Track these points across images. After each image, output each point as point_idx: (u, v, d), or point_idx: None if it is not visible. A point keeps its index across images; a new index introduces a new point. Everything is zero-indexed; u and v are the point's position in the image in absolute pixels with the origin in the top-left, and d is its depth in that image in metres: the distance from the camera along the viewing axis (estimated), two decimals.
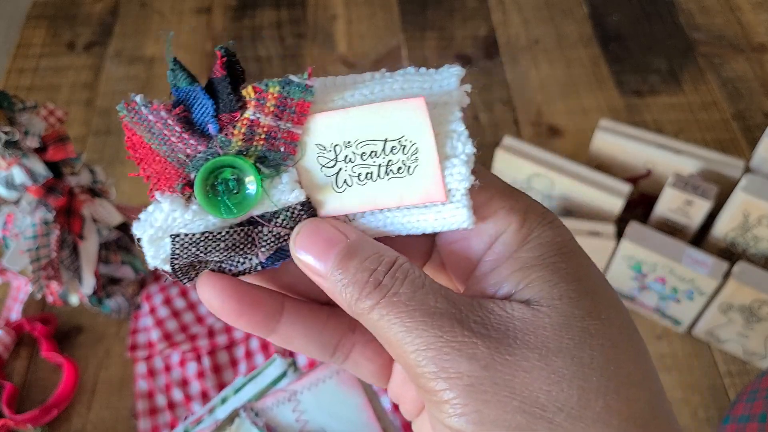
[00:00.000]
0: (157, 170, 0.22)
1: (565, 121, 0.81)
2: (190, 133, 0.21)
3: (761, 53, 0.88)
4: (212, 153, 0.21)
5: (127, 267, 0.63)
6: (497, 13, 0.94)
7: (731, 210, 0.60)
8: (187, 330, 0.64)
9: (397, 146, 0.21)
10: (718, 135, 0.80)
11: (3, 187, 0.52)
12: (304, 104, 0.21)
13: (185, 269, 0.22)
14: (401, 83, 0.22)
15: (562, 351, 0.19)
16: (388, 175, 0.21)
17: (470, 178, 0.21)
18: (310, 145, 0.22)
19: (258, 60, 0.90)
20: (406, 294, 0.20)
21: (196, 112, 0.22)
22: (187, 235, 0.22)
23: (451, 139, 0.21)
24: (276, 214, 0.22)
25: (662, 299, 0.62)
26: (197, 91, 0.22)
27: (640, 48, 0.89)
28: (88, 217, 0.57)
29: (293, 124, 0.21)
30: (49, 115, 0.53)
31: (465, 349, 0.19)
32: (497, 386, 0.19)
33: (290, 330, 0.23)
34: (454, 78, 0.22)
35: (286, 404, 0.38)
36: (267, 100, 0.21)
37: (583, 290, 0.20)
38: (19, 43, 0.92)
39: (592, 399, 0.19)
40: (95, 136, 0.82)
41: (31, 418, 0.58)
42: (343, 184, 0.22)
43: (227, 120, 0.21)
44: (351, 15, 0.95)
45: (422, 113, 0.21)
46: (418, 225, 0.22)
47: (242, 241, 0.22)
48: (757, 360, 0.62)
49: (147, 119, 0.21)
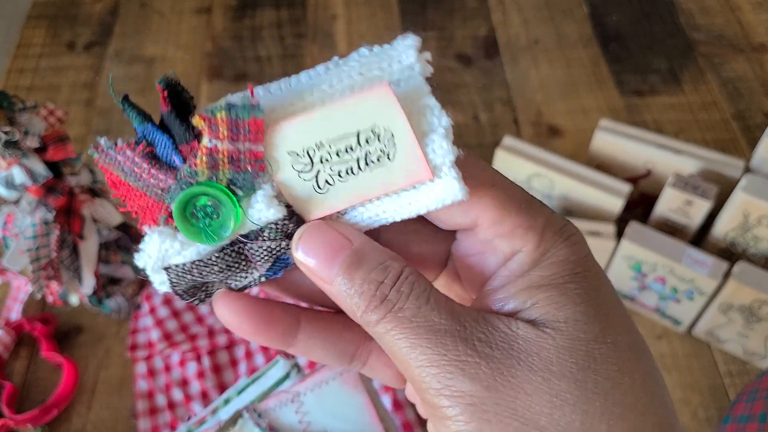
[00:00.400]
0: (141, 204, 0.22)
1: (565, 121, 0.81)
2: (158, 168, 0.21)
3: (761, 53, 0.88)
4: (184, 183, 0.21)
5: (127, 267, 0.63)
6: (497, 13, 0.94)
7: (731, 210, 0.60)
8: (187, 330, 0.64)
9: (371, 136, 0.21)
10: (718, 135, 0.80)
11: (3, 187, 0.52)
12: (256, 121, 0.21)
13: (191, 292, 0.23)
14: (358, 68, 0.21)
15: (565, 375, 0.19)
16: (369, 166, 0.21)
17: (453, 149, 0.21)
18: (282, 155, 0.21)
19: (258, 60, 0.90)
20: (410, 310, 0.20)
21: (158, 147, 0.22)
22: (178, 266, 0.22)
23: (424, 116, 0.21)
24: (261, 231, 0.22)
25: (662, 299, 0.62)
26: (149, 129, 0.22)
27: (640, 48, 0.89)
28: (88, 217, 0.57)
29: (251, 143, 0.21)
30: (49, 115, 0.53)
31: (468, 369, 0.19)
32: (499, 407, 0.19)
33: (308, 342, 0.24)
34: (411, 50, 0.21)
35: (289, 405, 0.38)
36: (218, 126, 0.21)
37: (592, 313, 0.20)
38: (19, 43, 0.92)
39: (595, 424, 0.19)
40: (95, 136, 0.81)
41: (31, 418, 0.58)
42: (325, 184, 0.21)
43: (188, 151, 0.21)
44: (351, 15, 0.95)
45: (388, 98, 0.20)
46: (411, 208, 0.22)
47: (235, 261, 0.22)
48: (757, 360, 0.62)
49: (116, 159, 0.21)
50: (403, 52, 0.21)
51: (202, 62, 0.89)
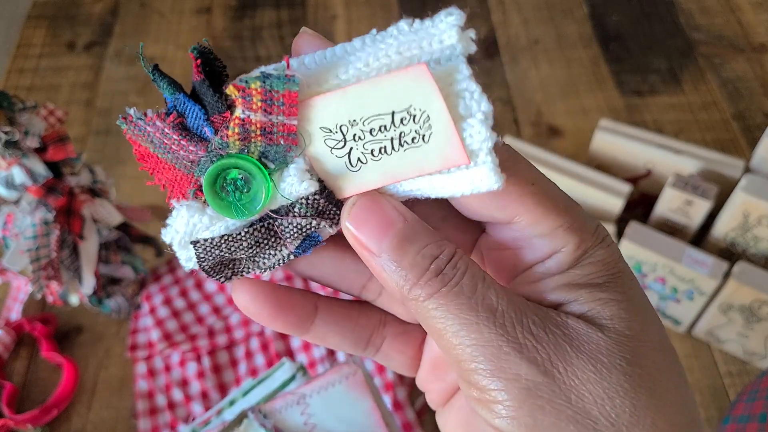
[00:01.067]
0: (170, 178, 0.21)
1: (565, 121, 0.81)
2: (188, 139, 0.21)
3: (761, 53, 0.88)
4: (214, 156, 0.21)
5: (127, 267, 0.63)
6: (497, 13, 0.94)
7: (731, 210, 0.60)
8: (187, 330, 0.64)
9: (407, 117, 0.20)
10: (718, 135, 0.80)
11: (3, 187, 0.52)
12: (291, 94, 0.20)
13: (217, 269, 0.22)
14: (396, 47, 0.20)
15: (615, 368, 0.19)
16: (403, 147, 0.20)
17: (492, 136, 0.20)
18: (315, 130, 0.21)
19: (258, 60, 0.90)
20: (468, 287, 0.19)
21: (189, 118, 0.21)
22: (207, 240, 0.21)
23: (463, 99, 0.20)
24: (292, 206, 0.21)
25: (662, 299, 0.62)
26: (181, 99, 0.21)
27: (640, 48, 0.89)
28: (88, 217, 0.57)
29: (285, 117, 0.20)
30: (49, 115, 0.53)
31: (526, 352, 0.19)
32: (554, 394, 0.19)
33: (324, 329, 0.24)
34: (453, 30, 0.20)
35: (294, 407, 0.38)
36: (252, 96, 0.20)
37: (633, 312, 0.20)
38: (19, 43, 0.92)
39: (642, 416, 0.19)
40: (95, 136, 0.82)
41: (31, 418, 0.58)
42: (358, 162, 0.21)
43: (220, 122, 0.21)
44: (351, 15, 0.95)
45: (426, 79, 0.20)
46: (444, 191, 0.21)
47: (265, 237, 0.21)
48: (757, 360, 0.62)
49: (146, 131, 0.21)
50: (445, 30, 0.20)
51: None
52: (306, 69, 0.21)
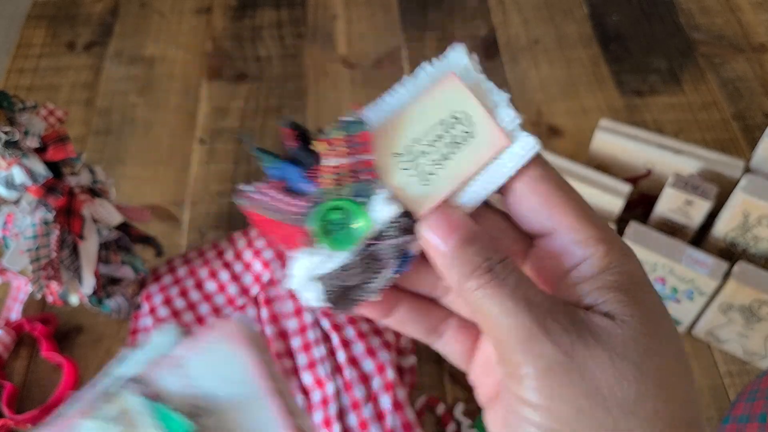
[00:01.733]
0: (283, 234, 0.26)
1: (565, 121, 0.81)
2: (293, 196, 0.25)
3: (761, 53, 0.88)
4: (317, 203, 0.25)
5: (127, 267, 0.63)
6: (497, 13, 0.94)
7: (731, 210, 0.60)
8: (187, 330, 0.64)
9: (453, 121, 0.25)
10: (718, 135, 0.80)
11: (3, 187, 0.52)
12: (366, 134, 0.25)
13: (340, 300, 0.26)
14: (425, 78, 0.26)
15: (627, 358, 0.23)
16: (459, 147, 0.25)
17: (517, 115, 0.25)
18: (389, 158, 0.25)
19: (258, 60, 0.90)
20: (511, 283, 0.24)
21: (290, 179, 0.26)
22: (327, 274, 0.25)
23: (489, 93, 0.26)
24: (385, 231, 0.25)
25: (662, 299, 0.62)
26: (285, 165, 0.26)
27: (640, 48, 0.89)
28: (88, 217, 0.57)
29: (364, 154, 0.25)
30: (49, 115, 0.53)
31: (551, 336, 0.23)
32: (572, 371, 0.22)
33: (404, 316, 0.29)
34: (461, 53, 0.26)
35: (173, 371, 0.37)
36: (337, 146, 0.25)
37: (651, 316, 0.24)
38: (19, 43, 0.92)
39: (645, 401, 0.22)
40: (95, 136, 0.82)
41: (31, 418, 0.58)
42: (428, 176, 0.25)
43: (314, 174, 0.25)
44: (351, 15, 0.95)
45: (458, 85, 0.25)
46: (503, 173, 0.25)
47: (370, 261, 0.26)
48: (757, 360, 0.62)
49: (260, 200, 0.26)
50: (457, 58, 0.26)
51: (202, 62, 0.89)
52: (370, 112, 0.26)
